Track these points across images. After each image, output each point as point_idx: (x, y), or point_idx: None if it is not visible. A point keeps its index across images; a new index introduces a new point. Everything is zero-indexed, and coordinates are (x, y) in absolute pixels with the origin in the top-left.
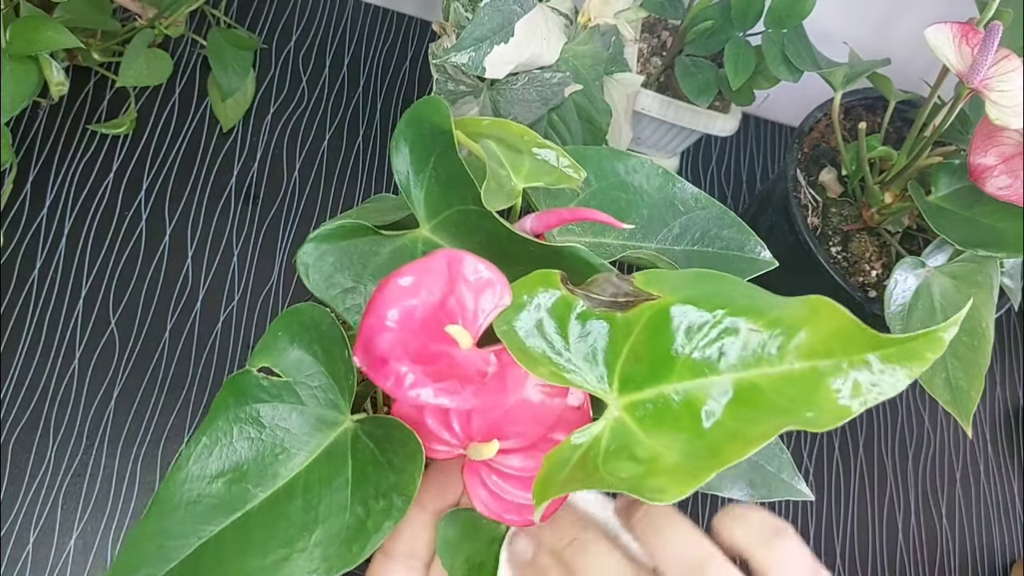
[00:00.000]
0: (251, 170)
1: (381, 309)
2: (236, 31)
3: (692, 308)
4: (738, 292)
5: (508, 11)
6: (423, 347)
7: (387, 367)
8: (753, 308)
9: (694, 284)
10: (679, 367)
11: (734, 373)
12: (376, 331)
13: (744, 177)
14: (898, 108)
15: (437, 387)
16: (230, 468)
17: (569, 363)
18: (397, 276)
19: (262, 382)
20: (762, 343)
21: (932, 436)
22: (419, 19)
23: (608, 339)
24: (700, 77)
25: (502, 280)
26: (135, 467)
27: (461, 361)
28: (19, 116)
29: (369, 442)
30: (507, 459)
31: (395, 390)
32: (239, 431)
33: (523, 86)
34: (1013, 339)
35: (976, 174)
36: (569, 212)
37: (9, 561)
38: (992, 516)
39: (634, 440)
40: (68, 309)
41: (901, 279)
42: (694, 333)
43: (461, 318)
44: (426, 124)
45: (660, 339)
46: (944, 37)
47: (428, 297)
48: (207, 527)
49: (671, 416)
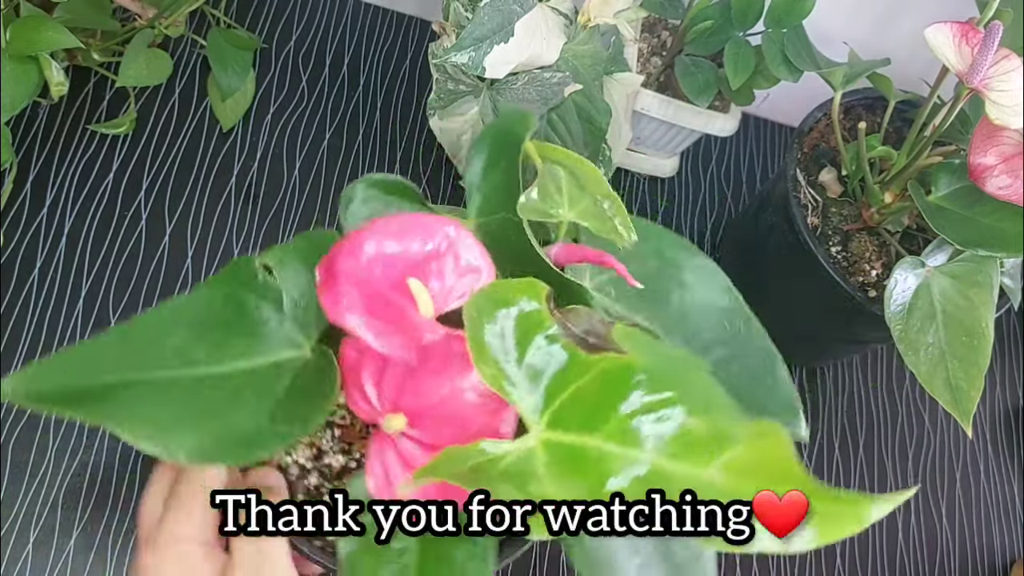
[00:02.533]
0: (251, 170)
1: (362, 238)
2: (236, 31)
3: (649, 379)
4: (700, 388)
5: (508, 11)
6: (380, 291)
7: (336, 287)
8: (705, 407)
9: (664, 360)
10: (612, 428)
11: (657, 456)
12: (345, 253)
13: (744, 177)
14: (898, 108)
15: (369, 321)
16: (196, 330)
17: (515, 376)
18: (398, 218)
19: (259, 275)
20: (696, 441)
21: (932, 436)
22: (419, 19)
23: (560, 371)
24: (700, 77)
25: (490, 275)
26: (135, 467)
27: (410, 320)
28: (19, 116)
29: (311, 374)
30: (413, 448)
31: (331, 306)
32: (222, 301)
33: (523, 86)
34: (1013, 339)
35: (976, 174)
36: (594, 254)
37: (9, 561)
38: (992, 516)
39: (533, 476)
40: (68, 309)
41: (901, 279)
42: (640, 402)
43: (433, 287)
44: (509, 132)
45: (607, 393)
46: (944, 37)
47: (413, 249)
48: (145, 372)
49: (579, 470)
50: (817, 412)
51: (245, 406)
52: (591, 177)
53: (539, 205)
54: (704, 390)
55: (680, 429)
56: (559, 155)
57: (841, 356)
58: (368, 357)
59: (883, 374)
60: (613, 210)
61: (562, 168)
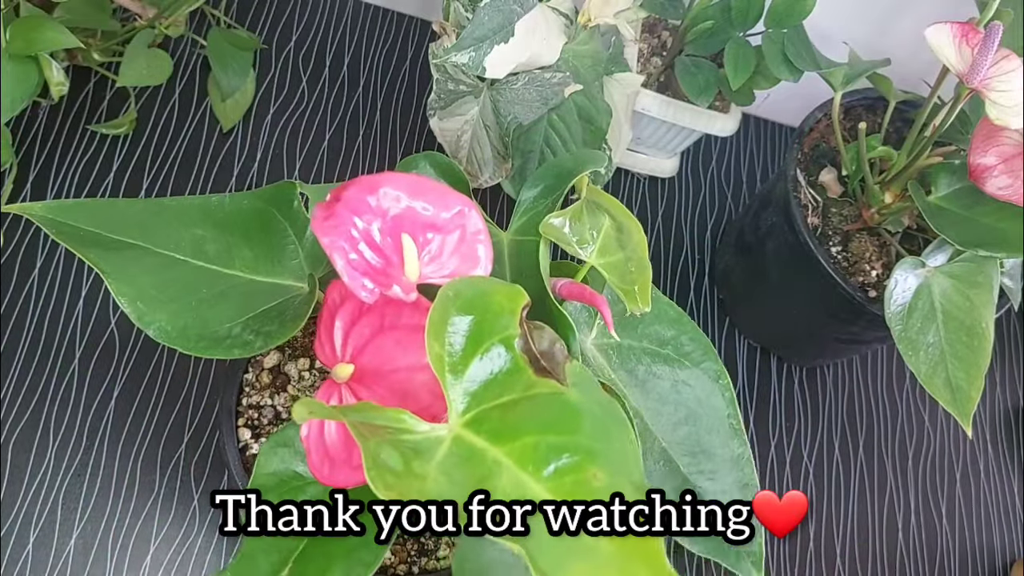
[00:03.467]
0: (251, 170)
1: (381, 179)
2: (236, 31)
3: (573, 418)
4: (618, 447)
5: (508, 11)
6: (374, 236)
7: (335, 212)
8: (613, 466)
9: (596, 409)
10: (517, 447)
11: (549, 490)
12: (359, 186)
13: (744, 177)
14: (898, 108)
15: (350, 254)
16: (219, 229)
17: (457, 365)
18: (424, 179)
19: (296, 203)
20: (589, 490)
21: (932, 436)
22: (419, 19)
23: (500, 378)
24: (700, 77)
25: (485, 271)
26: (135, 467)
27: (390, 273)
28: (19, 116)
29: (296, 306)
30: None
31: (321, 225)
32: (254, 214)
33: (523, 86)
34: (1013, 339)
35: (976, 174)
36: (591, 294)
37: (9, 561)
38: (992, 516)
39: (429, 458)
40: (68, 309)
41: (901, 279)
42: (555, 435)
43: (428, 253)
44: (573, 172)
45: (530, 416)
46: (944, 37)
47: (424, 212)
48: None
49: (468, 470)
50: (817, 412)
51: (226, 309)
52: (635, 236)
53: (564, 235)
54: (621, 451)
55: (578, 473)
56: (610, 203)
57: (841, 356)
58: (346, 305)
59: (883, 374)
60: (638, 274)
61: (609, 217)
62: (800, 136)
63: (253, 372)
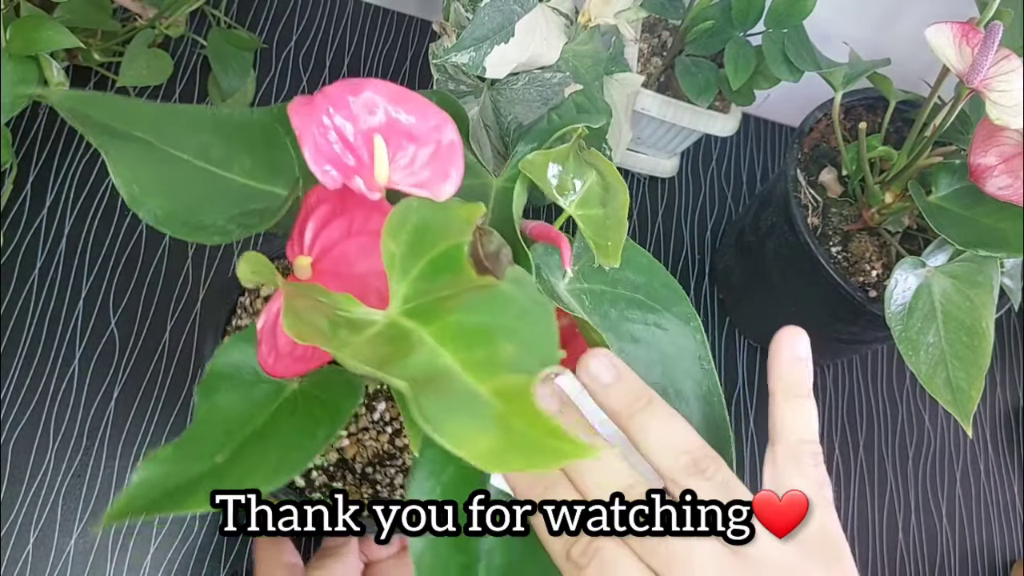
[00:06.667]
0: None
1: (366, 84)
2: (236, 31)
3: (500, 305)
4: (539, 327)
5: (508, 11)
6: (348, 135)
7: (314, 105)
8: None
9: (523, 299)
10: (441, 327)
11: (458, 361)
12: (343, 86)
13: (744, 177)
14: (898, 108)
15: (322, 147)
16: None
17: (407, 260)
18: (407, 90)
19: None
20: (495, 364)
21: (932, 436)
22: (419, 19)
23: (446, 277)
24: (700, 77)
25: (455, 182)
26: (135, 467)
27: (361, 171)
28: (19, 116)
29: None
30: None
31: (298, 106)
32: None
33: (523, 86)
34: (1013, 339)
35: (976, 174)
36: (556, 234)
37: (9, 561)
38: (992, 516)
39: (359, 335)
40: (68, 309)
41: (901, 279)
42: (479, 316)
43: (400, 160)
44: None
45: (462, 303)
46: (944, 37)
47: (403, 120)
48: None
49: (393, 344)
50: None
51: (216, 205)
52: (619, 197)
53: (543, 174)
54: (538, 333)
55: (489, 347)
56: (598, 159)
57: (841, 356)
58: (321, 208)
59: (883, 374)
60: (614, 231)
61: (597, 174)
62: (800, 136)
63: (249, 297)
